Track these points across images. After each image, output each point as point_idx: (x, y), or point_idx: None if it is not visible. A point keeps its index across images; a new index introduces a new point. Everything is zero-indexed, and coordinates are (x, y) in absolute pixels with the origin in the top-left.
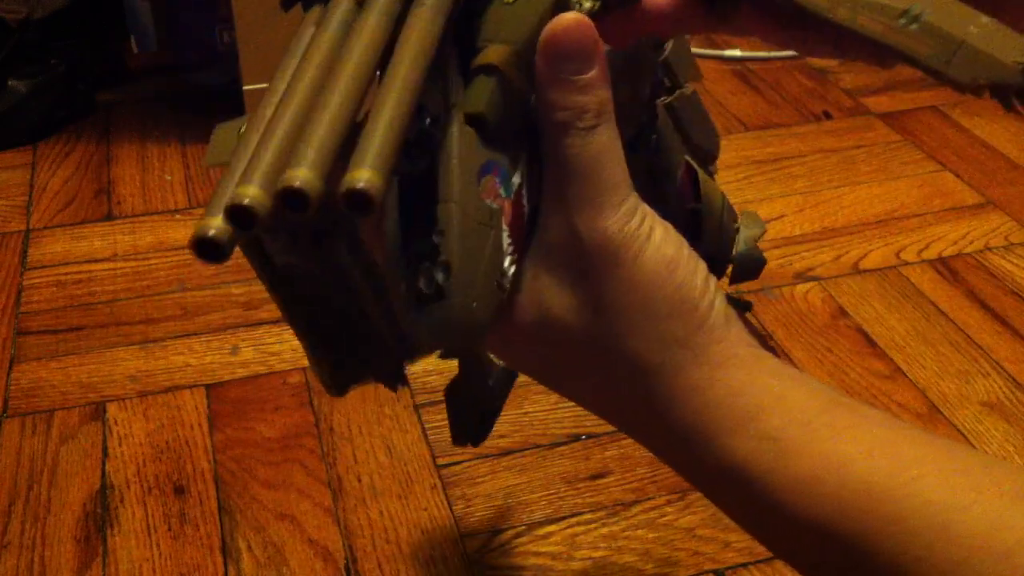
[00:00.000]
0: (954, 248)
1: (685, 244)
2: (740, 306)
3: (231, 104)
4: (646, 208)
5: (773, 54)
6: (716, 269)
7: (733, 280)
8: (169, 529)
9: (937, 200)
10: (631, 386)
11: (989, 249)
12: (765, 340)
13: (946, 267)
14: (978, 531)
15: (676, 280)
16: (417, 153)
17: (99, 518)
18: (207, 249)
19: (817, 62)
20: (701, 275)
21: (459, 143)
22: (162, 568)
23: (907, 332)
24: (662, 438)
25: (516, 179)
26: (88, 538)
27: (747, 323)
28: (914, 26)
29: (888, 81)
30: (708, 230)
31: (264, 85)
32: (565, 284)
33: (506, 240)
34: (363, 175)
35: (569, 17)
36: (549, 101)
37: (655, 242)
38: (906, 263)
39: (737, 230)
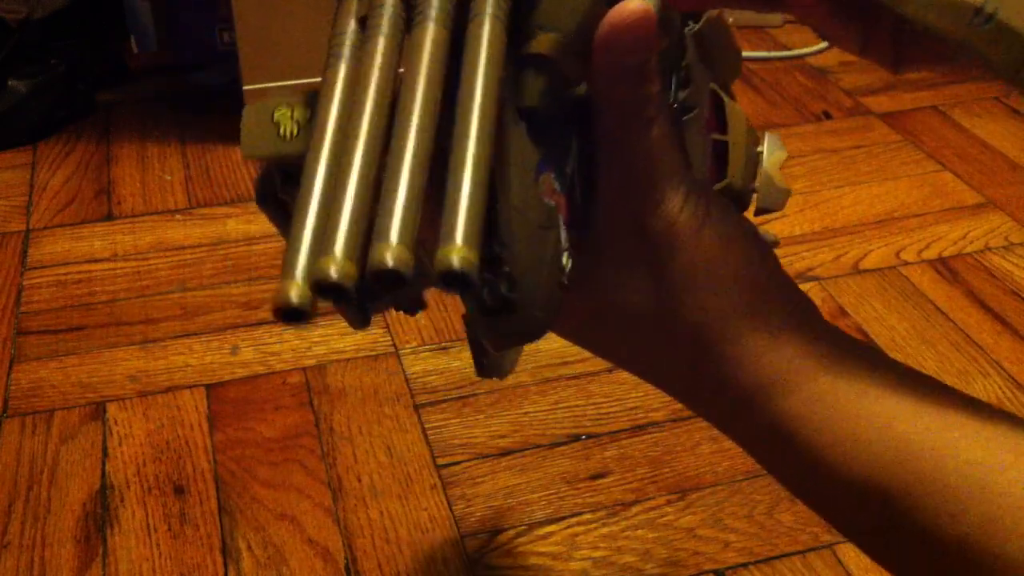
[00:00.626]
0: (954, 248)
1: (742, 219)
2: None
3: (231, 104)
4: (701, 186)
5: (773, 54)
6: (742, 201)
7: (758, 212)
8: (169, 529)
9: (937, 200)
10: (692, 356)
11: (989, 249)
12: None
13: (946, 267)
14: (1015, 491)
15: (735, 254)
16: None
17: (99, 518)
18: (291, 317)
19: (816, 61)
20: (758, 246)
21: (514, 142)
22: (162, 568)
23: (907, 332)
24: (718, 404)
25: (568, 170)
26: (88, 538)
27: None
28: (988, 25)
29: (888, 81)
30: (734, 160)
31: (264, 85)
32: (626, 271)
33: (563, 236)
34: (459, 252)
35: (633, 7)
36: (611, 93)
37: (713, 221)
38: (906, 263)
39: (760, 155)
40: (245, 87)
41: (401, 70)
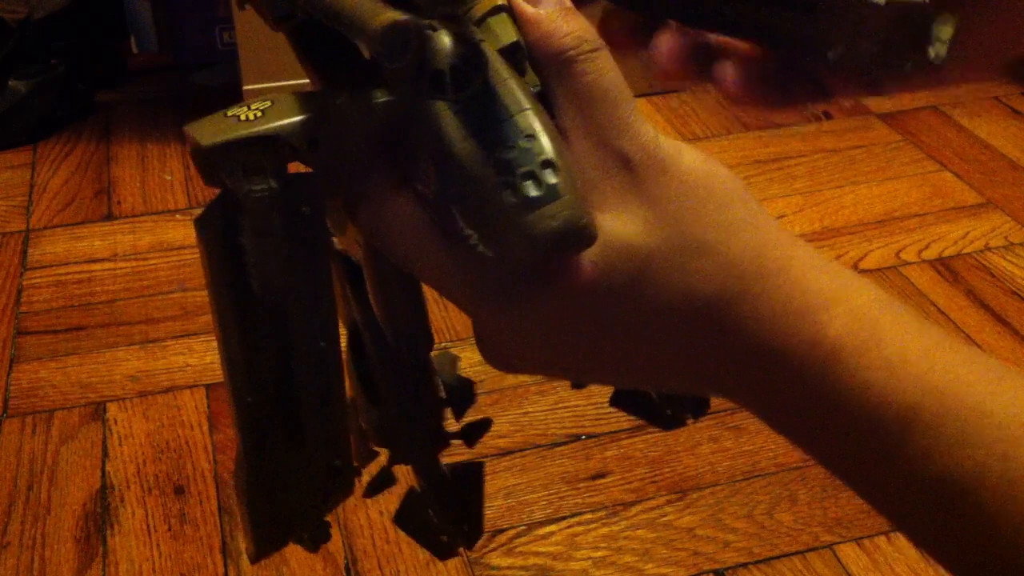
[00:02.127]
0: (954, 248)
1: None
2: None
3: (231, 104)
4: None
5: None
6: None
7: None
8: (169, 529)
9: (937, 200)
10: (720, 285)
11: (989, 249)
12: None
13: (946, 267)
14: None
15: (720, 173)
16: (468, 78)
17: (99, 518)
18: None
19: None
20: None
21: (508, 68)
22: (162, 568)
23: None
24: (749, 337)
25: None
26: (88, 538)
27: None
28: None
29: None
30: None
31: (264, 85)
32: (622, 209)
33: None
34: None
35: None
36: (549, 32)
37: (686, 148)
38: (906, 263)
39: None
40: (245, 87)
41: None
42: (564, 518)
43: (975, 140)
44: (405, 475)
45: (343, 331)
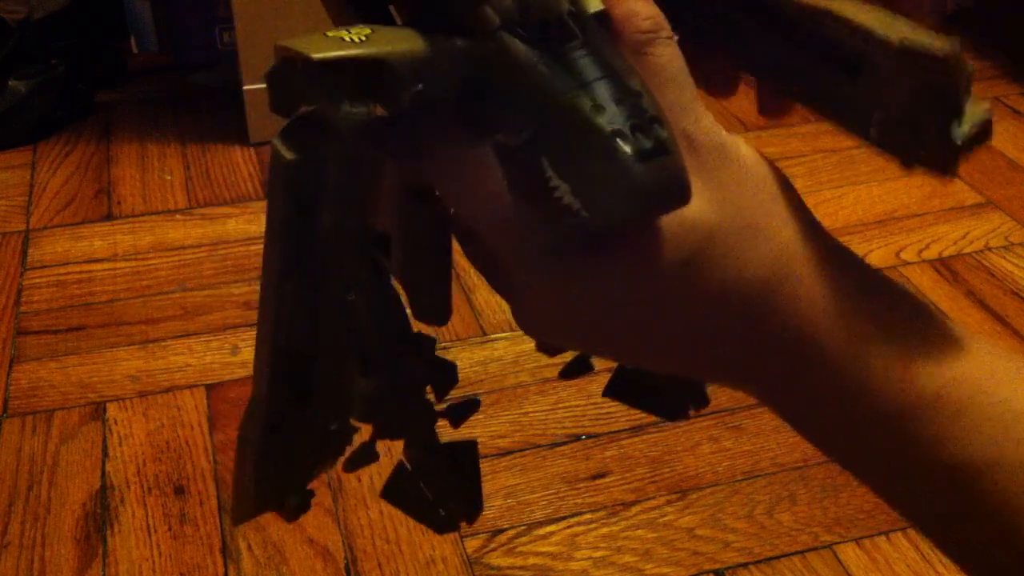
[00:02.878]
0: (954, 248)
1: None
2: None
3: (231, 104)
4: None
5: None
6: None
7: None
8: (169, 529)
9: (937, 200)
10: (770, 268)
11: (989, 249)
12: None
13: (946, 267)
14: None
15: (772, 167)
16: (572, 31)
17: (99, 518)
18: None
19: None
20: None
21: (600, 31)
22: (162, 568)
23: None
24: (789, 318)
25: None
26: (88, 538)
27: None
28: None
29: None
30: None
31: (264, 85)
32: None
33: None
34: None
35: None
36: (635, 11)
37: (741, 140)
38: (906, 263)
39: None
40: (245, 87)
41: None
42: (564, 518)
43: None
44: (386, 452)
45: None
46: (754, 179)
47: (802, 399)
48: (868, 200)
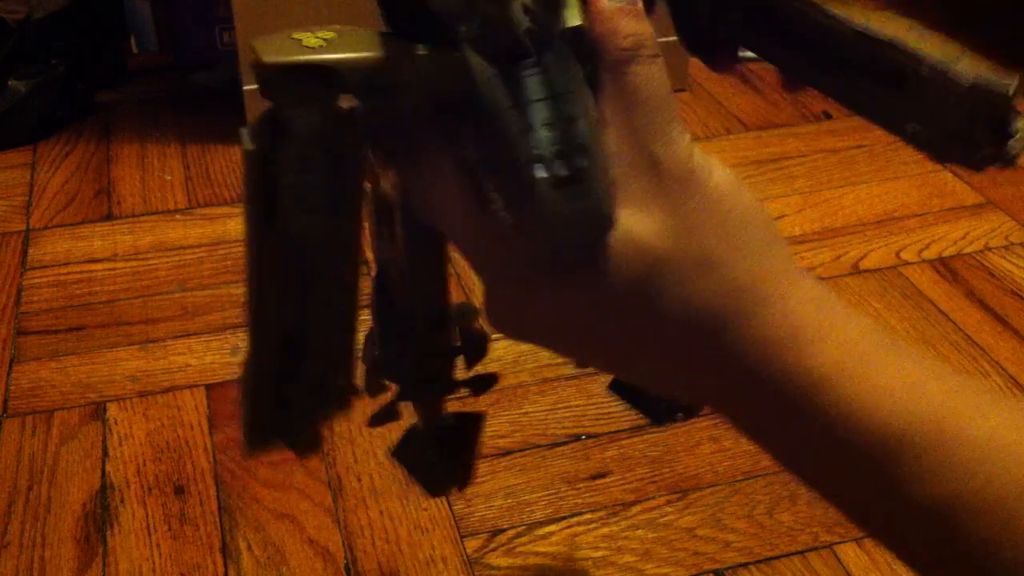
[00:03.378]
0: (954, 248)
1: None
2: None
3: (231, 104)
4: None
5: None
6: None
7: None
8: (169, 529)
9: (937, 200)
10: (720, 304)
11: (989, 249)
12: None
13: (946, 267)
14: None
15: (745, 198)
16: (528, 50)
17: (99, 518)
18: None
19: None
20: (758, 199)
21: (567, 48)
22: (162, 568)
23: (907, 332)
24: (739, 358)
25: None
26: (88, 538)
27: None
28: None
29: None
30: None
31: None
32: (643, 209)
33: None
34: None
35: None
36: (615, 30)
37: (718, 166)
38: (906, 263)
39: None
40: (245, 87)
41: None
42: (564, 518)
43: None
44: (409, 414)
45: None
46: (721, 210)
47: (764, 429)
48: (868, 200)
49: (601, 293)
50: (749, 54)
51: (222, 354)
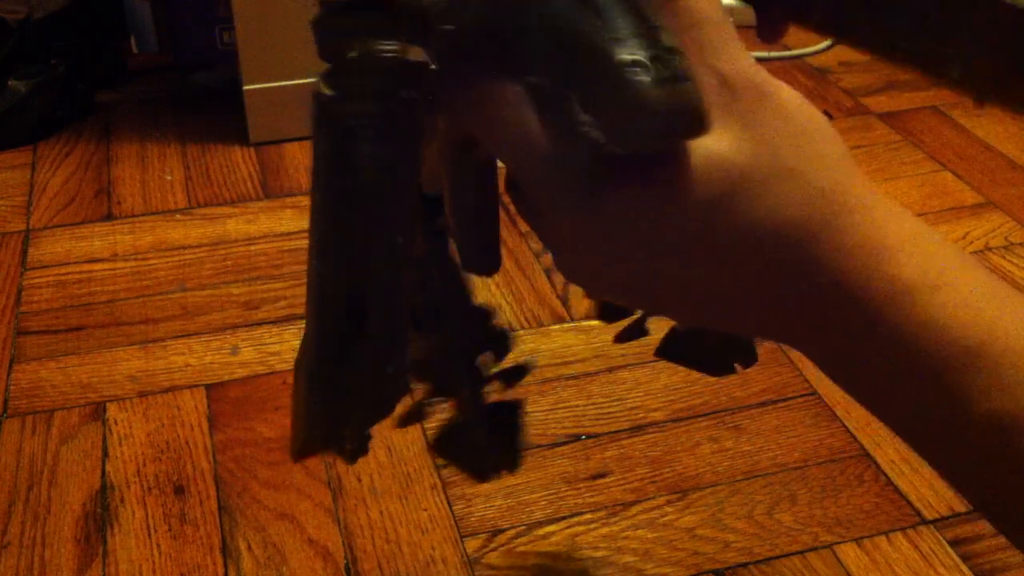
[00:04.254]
0: None
1: None
2: None
3: (231, 104)
4: None
5: (773, 54)
6: None
7: None
8: (169, 529)
9: (937, 200)
10: (806, 213)
11: (989, 249)
12: None
13: None
14: None
15: (815, 113)
16: None
17: (99, 518)
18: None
19: (816, 61)
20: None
21: None
22: (162, 568)
23: None
24: (826, 269)
25: None
26: (88, 538)
27: None
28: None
29: (888, 81)
30: None
31: (264, 85)
32: (719, 125)
33: None
34: None
35: None
36: None
37: (783, 84)
38: None
39: None
40: (245, 87)
41: None
42: (564, 518)
43: (975, 140)
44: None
45: None
46: (795, 123)
47: (839, 349)
48: None
49: (685, 208)
50: (751, 53)
51: (222, 354)
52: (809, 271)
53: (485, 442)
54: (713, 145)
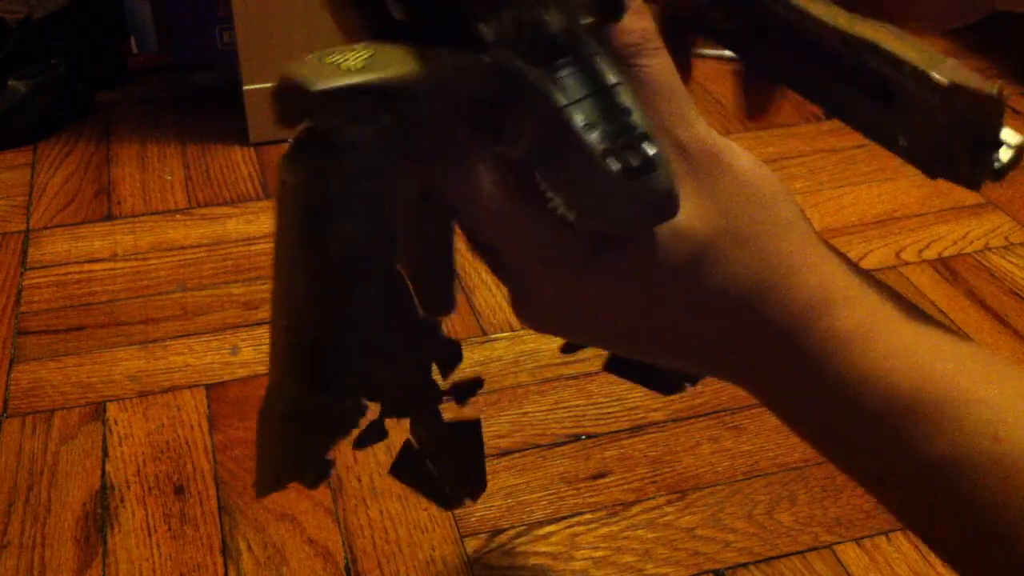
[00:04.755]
0: (954, 248)
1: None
2: None
3: (231, 104)
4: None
5: None
6: None
7: None
8: (169, 529)
9: (937, 200)
10: (760, 277)
11: (989, 249)
12: None
13: (946, 267)
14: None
15: (768, 177)
16: (565, 47)
17: (99, 518)
18: None
19: None
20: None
21: (595, 43)
22: (162, 568)
23: None
24: (777, 324)
25: None
26: (88, 538)
27: None
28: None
29: None
30: None
31: (264, 85)
32: (684, 195)
33: None
34: None
35: None
36: (621, 27)
37: (737, 147)
38: (906, 263)
39: None
40: (245, 87)
41: None
42: (564, 518)
43: None
44: (395, 428)
45: None
46: (747, 189)
47: (790, 396)
48: (868, 200)
49: (651, 278)
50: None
51: (222, 354)
52: (760, 327)
53: (445, 468)
54: (679, 217)
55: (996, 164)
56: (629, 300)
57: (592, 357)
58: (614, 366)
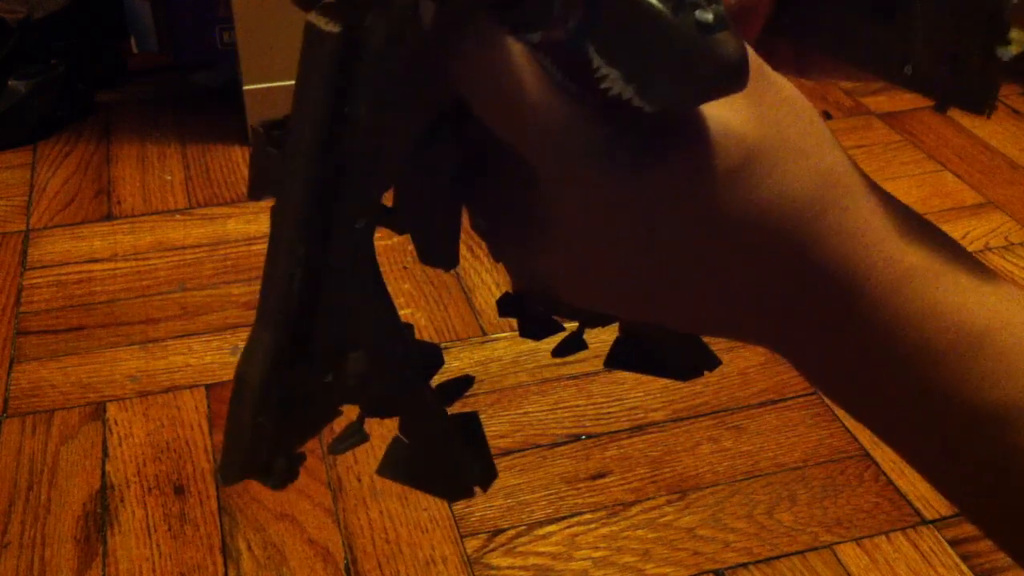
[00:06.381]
0: None
1: None
2: None
3: (231, 104)
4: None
5: None
6: None
7: None
8: (169, 529)
9: (937, 200)
10: (816, 191)
11: (989, 249)
12: None
13: None
14: None
15: (806, 99)
16: None
17: (99, 518)
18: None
19: None
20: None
21: None
22: (162, 568)
23: None
24: (830, 251)
25: None
26: (88, 538)
27: None
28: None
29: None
30: None
31: (264, 85)
32: (733, 101)
33: None
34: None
35: None
36: None
37: (773, 73)
38: None
39: None
40: (245, 87)
41: None
42: (564, 518)
43: (975, 140)
44: (373, 429)
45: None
46: (794, 104)
47: (837, 342)
48: None
49: (701, 180)
50: None
51: (222, 354)
52: (812, 251)
53: (453, 460)
54: (728, 118)
55: (1005, 56)
56: (681, 209)
57: (591, 357)
58: (619, 359)
